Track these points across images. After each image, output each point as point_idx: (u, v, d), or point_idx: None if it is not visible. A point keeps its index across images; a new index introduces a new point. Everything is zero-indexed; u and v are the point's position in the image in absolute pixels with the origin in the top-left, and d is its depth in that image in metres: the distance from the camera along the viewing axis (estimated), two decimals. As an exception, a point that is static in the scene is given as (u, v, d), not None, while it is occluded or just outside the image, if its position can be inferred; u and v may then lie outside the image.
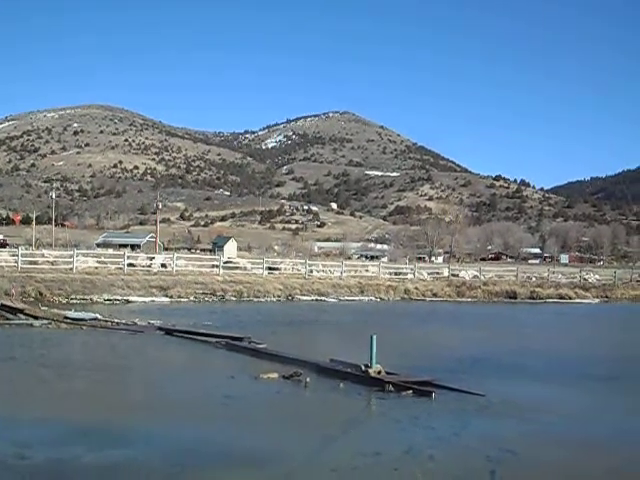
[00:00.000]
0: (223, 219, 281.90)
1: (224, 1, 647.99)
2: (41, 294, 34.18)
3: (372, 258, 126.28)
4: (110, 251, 73.44)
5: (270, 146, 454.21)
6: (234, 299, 40.36)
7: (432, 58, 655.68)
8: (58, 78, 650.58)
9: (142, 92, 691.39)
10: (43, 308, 28.09)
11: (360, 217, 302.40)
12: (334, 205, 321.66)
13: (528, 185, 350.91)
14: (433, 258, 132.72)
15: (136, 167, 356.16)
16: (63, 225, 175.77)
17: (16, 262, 41.35)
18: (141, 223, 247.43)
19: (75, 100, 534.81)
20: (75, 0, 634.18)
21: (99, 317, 25.89)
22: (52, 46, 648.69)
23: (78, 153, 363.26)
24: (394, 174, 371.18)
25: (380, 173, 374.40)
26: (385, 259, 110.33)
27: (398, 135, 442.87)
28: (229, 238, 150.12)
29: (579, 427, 12.51)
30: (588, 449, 11.04)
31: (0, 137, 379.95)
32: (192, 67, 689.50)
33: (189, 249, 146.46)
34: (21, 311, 25.68)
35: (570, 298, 52.78)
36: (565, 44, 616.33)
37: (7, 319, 24.94)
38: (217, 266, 48.30)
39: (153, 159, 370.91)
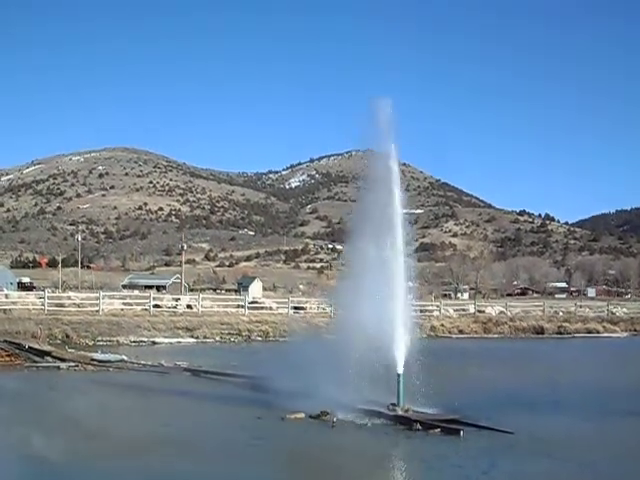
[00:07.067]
0: (248, 259, 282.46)
1: (244, 34, 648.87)
2: (68, 336, 34.35)
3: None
4: (136, 292, 73.87)
5: (294, 185, 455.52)
6: (260, 339, 40.31)
7: (451, 90, 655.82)
8: (83, 122, 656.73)
9: (166, 134, 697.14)
10: (70, 350, 28.19)
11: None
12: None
13: (553, 219, 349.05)
14: (459, 294, 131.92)
15: (161, 208, 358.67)
16: (89, 267, 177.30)
17: (43, 304, 41.66)
18: (166, 264, 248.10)
19: (100, 143, 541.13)
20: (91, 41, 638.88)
21: (125, 359, 25.97)
22: (76, 92, 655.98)
23: (103, 195, 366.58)
24: (418, 211, 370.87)
25: (404, 210, 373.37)
26: (410, 296, 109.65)
27: (421, 172, 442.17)
28: (254, 278, 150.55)
29: (609, 465, 12.36)
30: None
31: (27, 181, 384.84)
32: (218, 100, 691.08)
33: (214, 289, 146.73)
34: (48, 353, 25.84)
35: (598, 332, 52.16)
36: (590, 74, 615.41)
37: (34, 362, 25.10)
38: (242, 306, 48.35)
39: (178, 200, 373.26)
